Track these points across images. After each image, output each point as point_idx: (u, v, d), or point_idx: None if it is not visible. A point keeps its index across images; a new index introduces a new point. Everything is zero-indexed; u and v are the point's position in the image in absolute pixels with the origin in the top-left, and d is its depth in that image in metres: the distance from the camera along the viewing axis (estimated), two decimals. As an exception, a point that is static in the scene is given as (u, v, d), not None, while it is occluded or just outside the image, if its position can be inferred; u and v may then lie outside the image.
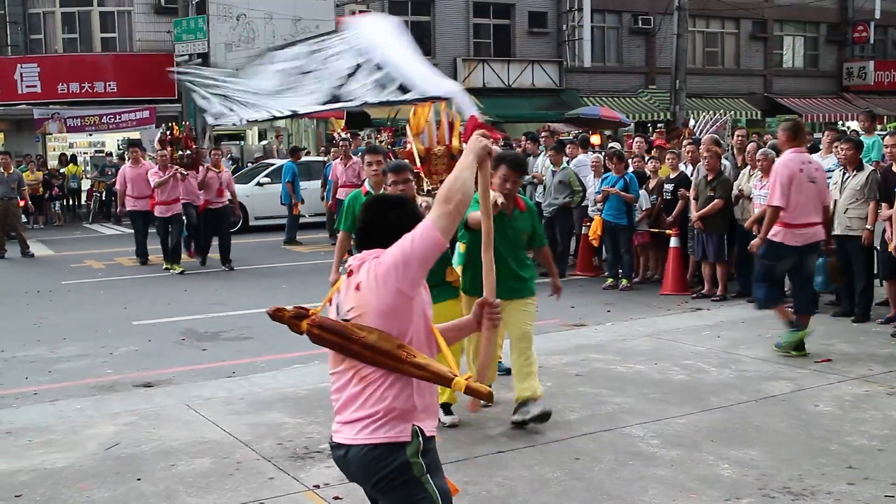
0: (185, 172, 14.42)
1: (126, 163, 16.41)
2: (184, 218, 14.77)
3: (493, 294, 3.47)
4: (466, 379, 3.16)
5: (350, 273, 3.22)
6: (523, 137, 15.57)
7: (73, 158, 26.16)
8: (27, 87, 25.83)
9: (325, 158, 19.82)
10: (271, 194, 19.52)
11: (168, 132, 15.08)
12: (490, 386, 3.73)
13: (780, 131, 8.41)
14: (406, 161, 6.94)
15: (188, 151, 14.82)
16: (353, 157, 16.47)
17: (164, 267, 14.52)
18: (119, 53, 27.13)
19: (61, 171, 25.17)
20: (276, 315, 3.26)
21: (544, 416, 6.20)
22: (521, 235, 6.42)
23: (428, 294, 3.30)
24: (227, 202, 14.98)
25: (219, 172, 14.79)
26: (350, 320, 3.16)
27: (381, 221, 3.30)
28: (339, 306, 3.24)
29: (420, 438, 3.16)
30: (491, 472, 5.47)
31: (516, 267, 6.34)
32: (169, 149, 14.68)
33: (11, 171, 17.46)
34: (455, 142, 7.00)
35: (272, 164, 21.69)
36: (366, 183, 7.20)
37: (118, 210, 16.50)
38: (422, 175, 7.23)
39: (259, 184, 20.53)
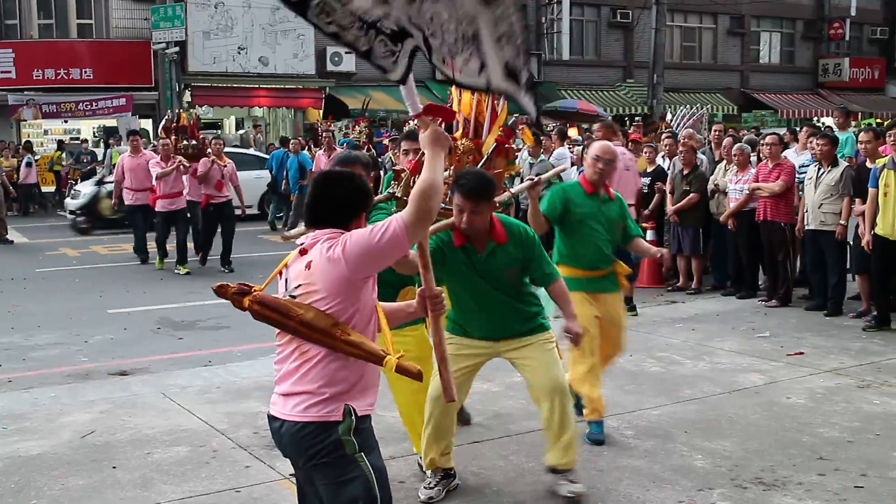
0: (188, 164, 13.16)
1: (125, 152, 15.23)
2: (188, 215, 13.60)
3: (434, 285, 3.58)
4: (398, 358, 3.20)
5: (303, 251, 3.24)
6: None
7: (60, 145, 25.85)
8: (1, 72, 25.53)
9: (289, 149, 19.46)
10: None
11: (174, 120, 14.22)
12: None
13: (602, 127, 9.74)
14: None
15: (193, 141, 13.91)
16: (337, 148, 16.40)
17: (158, 267, 13.29)
18: (96, 40, 26.86)
19: (35, 158, 24.88)
20: (220, 291, 3.28)
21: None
22: (503, 276, 4.86)
23: (375, 280, 3.32)
24: (230, 196, 13.47)
25: (224, 166, 13.38)
26: (296, 297, 3.21)
27: (329, 197, 3.29)
28: (287, 282, 3.28)
29: (353, 417, 3.18)
30: (466, 462, 5.49)
31: (497, 303, 4.91)
32: (173, 138, 13.73)
33: None
34: (490, 140, 5.33)
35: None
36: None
37: (114, 203, 15.61)
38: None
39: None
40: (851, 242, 9.71)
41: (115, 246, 15.60)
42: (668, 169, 11.65)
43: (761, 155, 10.45)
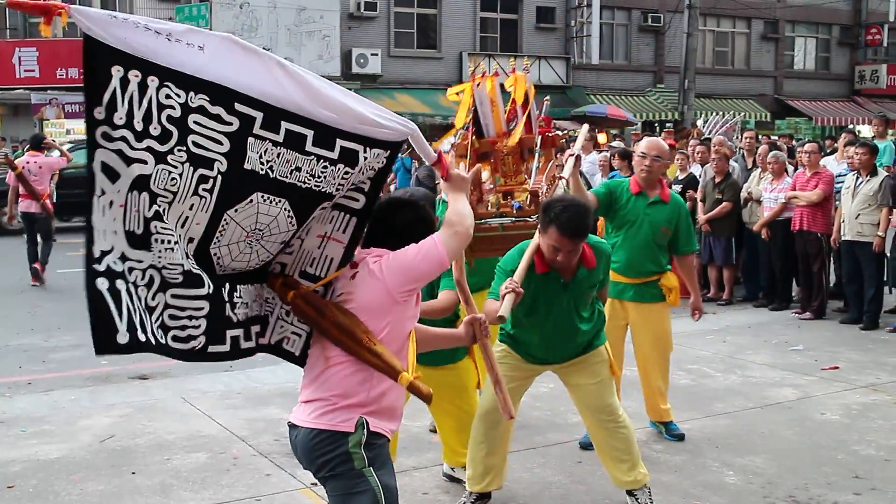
0: None
1: None
2: None
3: (475, 309, 3.71)
4: (415, 378, 3.18)
5: (353, 265, 3.23)
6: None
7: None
8: (25, 71, 25.50)
9: None
10: None
11: None
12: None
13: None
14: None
15: None
16: None
17: None
18: (122, 40, 26.95)
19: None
20: (270, 283, 3.22)
21: None
22: (584, 297, 4.75)
23: (417, 309, 3.32)
24: None
25: None
26: (336, 302, 3.21)
27: (391, 223, 3.30)
28: (334, 291, 3.27)
29: (364, 430, 3.13)
30: (491, 474, 5.38)
31: (571, 327, 4.77)
32: None
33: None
34: (516, 132, 4.96)
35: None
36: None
37: None
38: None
39: None
40: (889, 254, 9.50)
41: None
42: (700, 176, 11.46)
43: (799, 163, 10.25)
